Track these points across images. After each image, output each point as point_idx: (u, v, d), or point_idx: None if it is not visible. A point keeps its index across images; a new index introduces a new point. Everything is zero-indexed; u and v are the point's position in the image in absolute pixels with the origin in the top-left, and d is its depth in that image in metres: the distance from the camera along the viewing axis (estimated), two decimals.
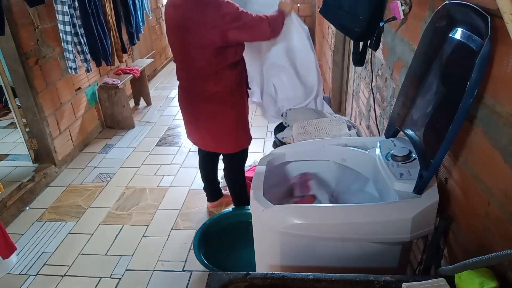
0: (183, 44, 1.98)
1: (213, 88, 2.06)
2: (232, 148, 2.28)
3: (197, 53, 1.97)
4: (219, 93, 2.08)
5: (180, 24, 1.94)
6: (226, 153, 2.35)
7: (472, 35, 0.92)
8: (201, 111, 2.16)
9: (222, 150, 2.33)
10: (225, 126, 2.18)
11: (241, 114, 2.21)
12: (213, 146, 2.31)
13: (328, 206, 1.15)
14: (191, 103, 2.18)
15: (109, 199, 2.85)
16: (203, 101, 2.12)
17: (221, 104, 2.11)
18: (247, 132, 2.30)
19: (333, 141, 1.46)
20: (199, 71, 2.03)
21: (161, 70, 6.16)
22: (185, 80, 2.15)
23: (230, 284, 0.89)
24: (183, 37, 1.95)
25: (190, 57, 2.00)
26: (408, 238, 1.06)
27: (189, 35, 1.93)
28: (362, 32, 1.87)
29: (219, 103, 2.11)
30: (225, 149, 2.31)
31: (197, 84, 2.09)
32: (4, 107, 4.37)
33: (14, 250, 2.16)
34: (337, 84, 3.87)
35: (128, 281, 2.13)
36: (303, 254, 1.15)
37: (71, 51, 3.00)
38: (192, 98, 2.16)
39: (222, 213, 2.48)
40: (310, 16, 6.57)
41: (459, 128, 0.91)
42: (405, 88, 1.26)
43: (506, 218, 0.83)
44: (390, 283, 0.86)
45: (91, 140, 3.77)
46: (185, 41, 1.96)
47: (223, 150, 2.32)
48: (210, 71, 2.01)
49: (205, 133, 2.24)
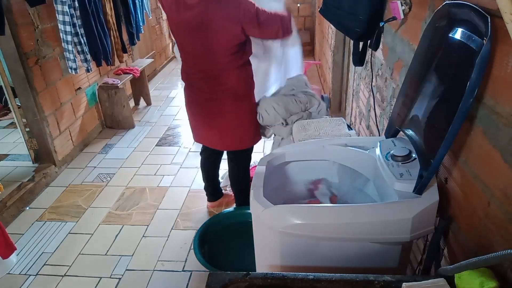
0: (204, 44, 1.96)
1: (236, 84, 2.08)
2: (250, 143, 2.33)
3: (221, 50, 1.96)
4: (242, 88, 2.12)
5: (200, 24, 1.91)
6: (244, 148, 2.34)
7: (472, 35, 0.92)
8: (224, 109, 2.14)
9: (242, 146, 2.32)
10: (248, 120, 2.22)
11: (254, 107, 2.24)
12: (233, 144, 2.30)
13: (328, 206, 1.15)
14: (210, 103, 2.15)
15: (109, 199, 2.85)
16: (227, 97, 2.11)
17: (245, 99, 2.15)
18: (259, 126, 2.32)
19: (333, 141, 1.46)
20: (221, 68, 2.03)
21: (161, 70, 6.15)
22: (202, 80, 2.11)
23: (230, 284, 0.89)
24: (205, 36, 1.93)
25: (211, 56, 1.99)
26: (408, 238, 1.06)
27: (211, 33, 1.92)
28: (362, 32, 1.87)
29: (243, 98, 2.14)
30: (245, 145, 2.32)
31: (218, 82, 2.07)
32: (4, 107, 4.37)
33: (14, 250, 2.16)
34: (337, 84, 3.87)
35: (128, 281, 2.13)
36: (303, 254, 1.15)
37: (71, 51, 3.00)
38: (212, 97, 2.13)
39: (222, 213, 2.48)
40: (310, 16, 6.57)
41: (459, 128, 0.91)
42: (405, 88, 1.26)
43: (506, 218, 0.83)
44: (390, 283, 0.86)
45: (91, 140, 3.77)
46: (207, 40, 1.94)
47: (243, 145, 2.32)
48: (233, 67, 2.03)
49: (227, 131, 2.22)
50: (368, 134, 2.25)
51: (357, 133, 2.54)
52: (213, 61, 2.00)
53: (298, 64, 2.42)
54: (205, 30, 1.92)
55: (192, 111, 2.27)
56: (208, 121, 2.23)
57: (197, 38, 1.96)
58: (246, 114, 2.20)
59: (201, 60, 2.04)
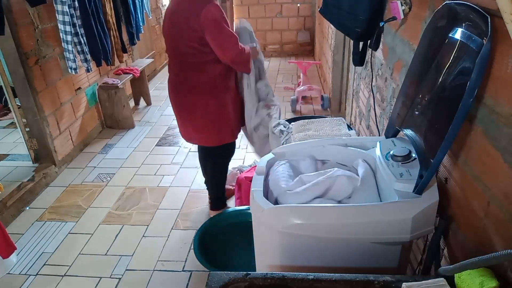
0: (173, 35, 2.09)
1: (196, 79, 2.13)
2: (214, 141, 2.32)
3: (183, 43, 2.06)
4: (201, 84, 2.15)
5: (172, 15, 2.06)
6: (208, 145, 2.38)
7: (472, 35, 0.92)
8: (184, 101, 2.23)
9: (204, 142, 2.36)
10: (206, 116, 2.22)
11: (225, 107, 2.23)
12: (196, 138, 2.36)
13: (328, 206, 1.15)
14: (177, 95, 2.25)
15: (109, 199, 2.85)
16: (186, 91, 2.19)
17: (202, 93, 2.17)
18: (232, 127, 2.32)
19: (333, 141, 1.46)
20: (185, 62, 2.13)
21: (161, 70, 6.16)
22: (174, 73, 2.23)
23: (230, 284, 0.89)
24: (174, 27, 2.06)
25: (178, 48, 2.10)
26: (408, 238, 1.06)
27: (178, 24, 2.03)
28: (362, 32, 1.87)
29: (200, 92, 2.17)
30: (206, 142, 2.34)
31: (183, 75, 2.17)
32: (4, 107, 4.37)
33: (14, 250, 2.15)
34: (337, 84, 3.87)
35: (128, 281, 2.13)
36: (303, 254, 1.15)
37: (71, 51, 3.00)
38: (178, 90, 2.23)
39: (222, 213, 2.48)
40: (310, 16, 6.57)
41: (459, 128, 0.91)
42: (405, 88, 1.26)
43: (506, 218, 0.83)
44: (390, 283, 0.86)
45: (91, 140, 3.77)
46: (174, 31, 2.06)
47: (205, 142, 2.36)
48: (195, 62, 2.09)
49: (188, 124, 2.31)
50: (368, 134, 2.25)
51: (357, 133, 2.54)
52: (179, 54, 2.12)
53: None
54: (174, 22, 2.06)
55: (171, 103, 2.35)
56: (178, 113, 2.32)
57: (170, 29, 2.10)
58: (205, 108, 2.20)
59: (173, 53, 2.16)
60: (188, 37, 2.03)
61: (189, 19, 1.98)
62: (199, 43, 2.02)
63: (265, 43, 6.78)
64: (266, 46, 6.81)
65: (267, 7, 6.55)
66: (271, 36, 6.77)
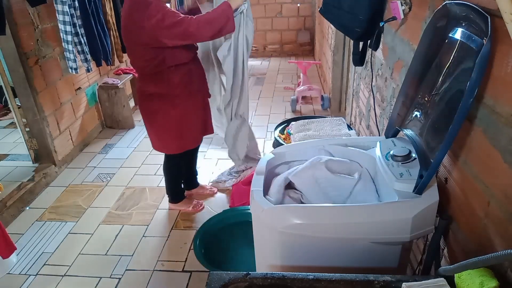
0: (127, 45, 2.07)
1: (153, 88, 2.13)
2: (175, 149, 2.35)
3: (135, 54, 2.05)
4: (158, 93, 2.14)
5: (123, 25, 2.02)
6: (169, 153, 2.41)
7: (472, 35, 0.92)
8: (144, 110, 2.25)
9: (165, 150, 2.39)
10: (166, 125, 2.23)
11: (187, 115, 2.23)
12: (159, 146, 2.38)
13: (328, 206, 1.15)
14: (140, 104, 2.27)
15: (109, 199, 2.85)
16: (145, 100, 2.21)
17: (160, 102, 2.17)
18: (194, 133, 2.35)
19: (333, 141, 1.46)
20: (139, 71, 2.14)
21: None
22: (137, 81, 2.25)
23: (230, 284, 0.89)
24: (126, 37, 2.04)
25: (132, 58, 2.10)
26: (408, 238, 1.06)
27: (129, 35, 2.01)
28: (362, 32, 1.87)
29: (158, 101, 2.17)
30: (168, 150, 2.38)
31: (140, 84, 2.19)
32: (4, 107, 4.37)
33: (14, 250, 2.15)
34: (337, 84, 3.87)
35: (128, 281, 2.12)
36: (303, 254, 1.15)
37: (71, 51, 3.00)
38: (139, 99, 2.25)
39: (222, 213, 2.49)
40: (310, 16, 6.57)
41: (459, 128, 0.91)
42: (405, 88, 1.26)
43: (506, 218, 0.83)
44: (390, 283, 0.86)
45: (91, 140, 3.77)
46: (127, 41, 2.05)
47: (167, 150, 2.39)
48: (149, 72, 2.08)
49: (150, 132, 2.34)
50: (368, 134, 2.25)
51: (357, 133, 2.54)
52: (134, 63, 2.12)
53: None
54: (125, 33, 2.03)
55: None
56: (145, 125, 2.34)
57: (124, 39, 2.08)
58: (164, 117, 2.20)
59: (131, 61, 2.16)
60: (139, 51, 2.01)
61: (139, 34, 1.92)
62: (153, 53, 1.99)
63: (265, 43, 6.78)
64: (266, 46, 6.81)
65: (267, 7, 6.55)
66: (271, 36, 6.78)
